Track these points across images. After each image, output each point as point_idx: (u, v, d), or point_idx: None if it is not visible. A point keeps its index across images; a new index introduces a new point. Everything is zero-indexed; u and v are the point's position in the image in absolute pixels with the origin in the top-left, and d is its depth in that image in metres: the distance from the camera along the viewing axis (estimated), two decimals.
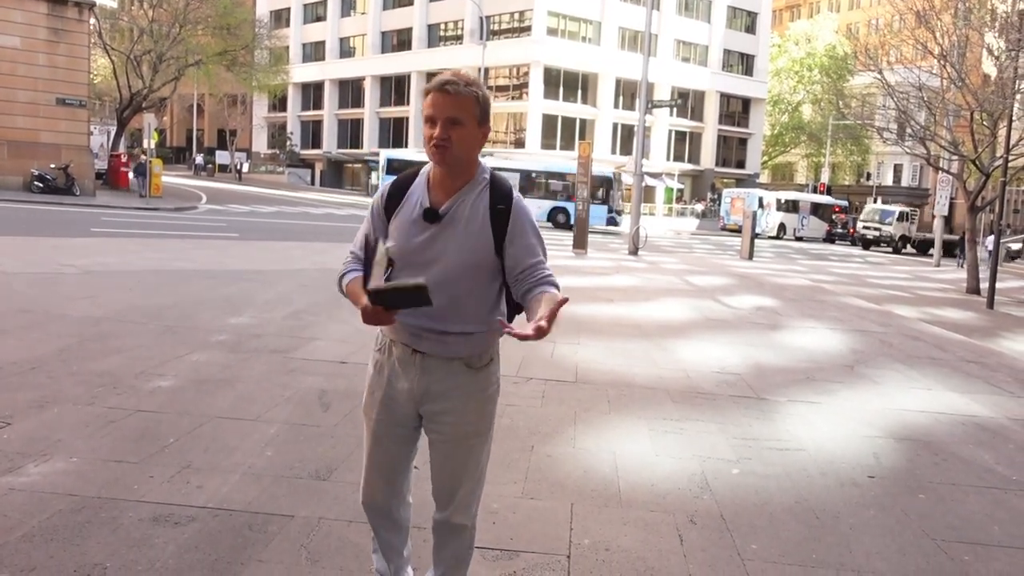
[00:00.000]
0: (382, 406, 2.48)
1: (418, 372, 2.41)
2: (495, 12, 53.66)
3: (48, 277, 9.78)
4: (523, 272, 2.37)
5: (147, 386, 5.34)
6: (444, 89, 2.25)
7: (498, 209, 2.36)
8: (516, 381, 6.14)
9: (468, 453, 2.49)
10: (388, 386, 2.46)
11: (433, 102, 2.26)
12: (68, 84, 26.53)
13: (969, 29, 20.21)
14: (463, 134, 2.27)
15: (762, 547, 3.50)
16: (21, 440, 4.18)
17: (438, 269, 2.30)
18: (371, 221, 2.47)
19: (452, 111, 2.25)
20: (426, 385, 2.42)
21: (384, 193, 2.46)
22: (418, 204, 2.36)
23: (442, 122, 2.24)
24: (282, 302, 9.10)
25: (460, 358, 2.41)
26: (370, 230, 2.48)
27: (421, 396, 2.43)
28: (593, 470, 4.33)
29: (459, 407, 2.43)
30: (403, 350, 2.42)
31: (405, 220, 2.37)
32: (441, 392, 2.42)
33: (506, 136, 55.50)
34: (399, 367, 2.44)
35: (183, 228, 19.48)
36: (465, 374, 2.42)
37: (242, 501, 3.60)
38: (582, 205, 21.30)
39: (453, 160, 2.31)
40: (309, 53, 69.15)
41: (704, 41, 60.13)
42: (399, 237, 2.36)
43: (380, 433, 2.51)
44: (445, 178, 2.35)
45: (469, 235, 2.33)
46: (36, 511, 3.37)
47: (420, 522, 3.08)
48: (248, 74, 43.48)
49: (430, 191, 2.37)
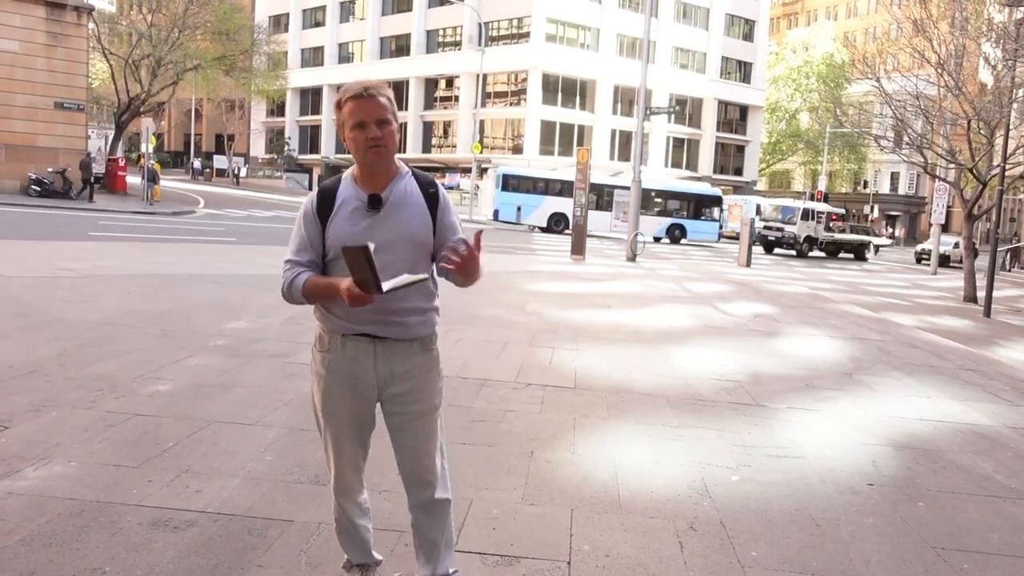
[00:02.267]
0: (345, 400, 2.64)
1: (380, 358, 2.60)
2: (494, 18, 53.76)
3: (46, 281, 9.77)
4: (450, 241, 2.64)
5: (146, 390, 5.33)
6: (369, 95, 2.48)
7: (430, 193, 2.65)
8: (515, 387, 6.14)
9: (433, 428, 2.71)
10: (348, 379, 2.61)
11: (360, 108, 2.48)
12: (66, 88, 26.55)
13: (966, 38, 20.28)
14: (390, 131, 2.52)
15: (762, 554, 3.50)
16: (20, 444, 4.17)
17: (388, 252, 2.48)
18: (304, 228, 2.61)
19: (380, 113, 2.49)
20: (389, 369, 2.61)
21: (315, 200, 2.62)
22: (354, 200, 2.57)
23: (374, 124, 2.48)
24: (280, 307, 9.08)
25: (417, 339, 2.63)
26: (304, 237, 2.61)
27: (385, 381, 2.62)
28: (593, 476, 4.32)
29: (420, 386, 2.65)
30: (359, 341, 2.59)
31: (344, 215, 2.56)
32: (403, 373, 2.62)
33: (504, 142, 55.57)
34: (358, 358, 2.60)
35: (181, 232, 19.46)
36: (421, 355, 2.65)
37: (241, 506, 3.60)
38: (580, 211, 21.31)
39: (387, 155, 2.55)
40: (308, 58, 69.22)
41: (702, 48, 60.27)
42: (342, 230, 2.54)
43: (345, 426, 2.67)
44: (374, 174, 2.58)
45: (412, 216, 2.58)
46: (35, 515, 3.36)
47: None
48: (247, 79, 43.51)
49: (361, 187, 2.58)
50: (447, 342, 7.60)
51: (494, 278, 13.04)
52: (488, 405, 5.59)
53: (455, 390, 5.87)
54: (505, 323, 9.08)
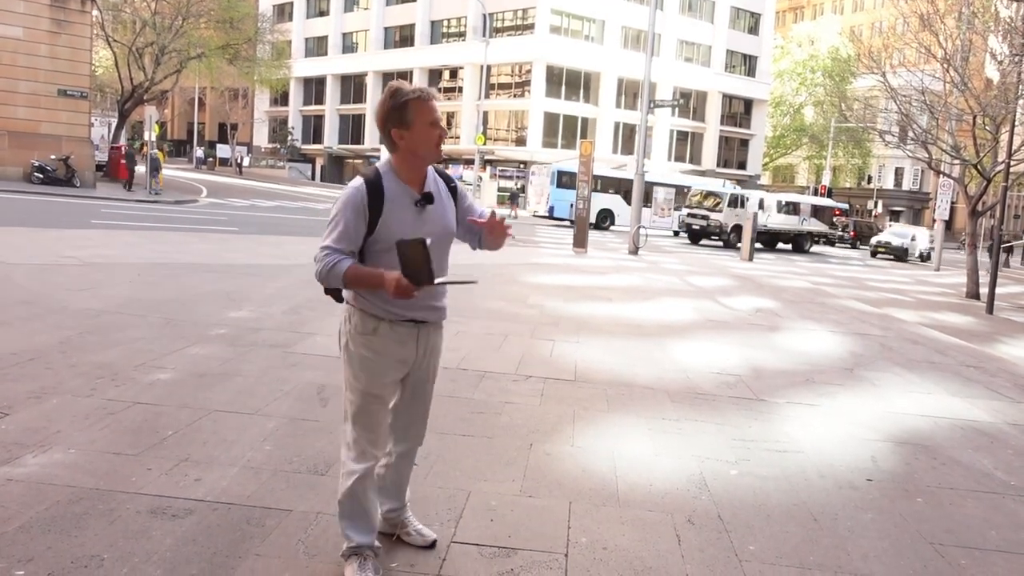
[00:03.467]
0: (390, 378, 2.93)
1: (421, 339, 2.95)
2: (498, 9, 53.57)
3: (48, 268, 9.78)
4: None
5: (146, 379, 5.34)
6: (435, 97, 2.75)
7: (451, 187, 3.00)
8: (515, 379, 6.14)
9: (432, 389, 3.13)
10: (397, 360, 2.90)
11: (435, 108, 2.73)
12: (70, 75, 26.51)
13: (973, 33, 20.20)
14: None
15: (760, 548, 3.50)
16: (20, 431, 4.18)
17: (434, 242, 2.71)
18: (352, 219, 2.76)
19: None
20: (425, 347, 2.98)
21: (366, 194, 2.76)
22: (404, 195, 2.80)
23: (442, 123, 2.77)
24: (281, 297, 9.09)
25: (443, 321, 3.05)
26: (350, 227, 2.76)
27: (420, 359, 2.98)
28: (591, 469, 4.32)
29: (437, 361, 3.10)
30: (407, 326, 2.89)
31: (396, 209, 2.77)
32: (432, 350, 3.03)
33: (508, 134, 55.48)
34: (402, 339, 2.89)
35: (183, 221, 19.46)
36: (439, 333, 3.07)
37: (240, 495, 3.60)
38: (583, 203, 21.29)
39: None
40: (311, 48, 69.10)
41: (707, 41, 60.07)
42: (398, 223, 2.76)
43: (385, 398, 2.95)
44: (414, 170, 2.83)
45: (446, 209, 2.92)
46: (34, 502, 3.37)
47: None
48: (250, 68, 43.43)
49: (405, 183, 2.82)
50: (448, 334, 7.58)
51: (496, 270, 13.03)
52: (488, 397, 5.59)
53: (455, 381, 5.88)
54: (506, 315, 9.08)
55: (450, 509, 3.65)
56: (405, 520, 3.24)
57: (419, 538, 3.22)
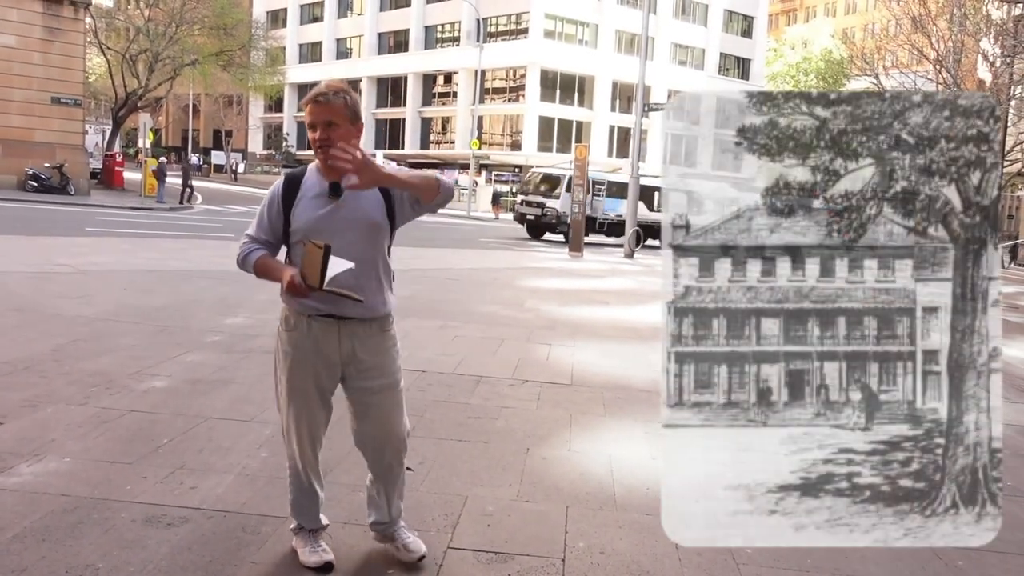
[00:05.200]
0: (310, 377, 2.88)
1: (344, 337, 2.86)
2: (492, 14, 53.69)
3: (42, 276, 9.75)
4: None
5: (141, 386, 5.32)
6: (317, 101, 2.71)
7: None
8: (512, 383, 6.13)
9: (398, 400, 3.00)
10: (313, 357, 2.86)
11: (310, 112, 2.73)
12: (63, 83, 26.47)
13: (965, 35, 20.30)
14: (340, 133, 2.72)
15: (757, 552, 3.50)
16: (13, 440, 4.16)
17: (348, 233, 2.75)
18: (268, 211, 2.90)
19: (326, 116, 2.71)
20: (351, 347, 2.87)
21: (281, 187, 2.90)
22: (318, 187, 2.82)
23: (321, 127, 2.71)
24: (277, 303, 9.01)
25: (376, 319, 2.89)
26: (266, 219, 2.90)
27: (348, 358, 2.88)
28: (589, 473, 4.32)
29: (380, 362, 2.92)
30: (325, 321, 2.84)
31: (307, 201, 2.81)
32: (365, 350, 2.89)
33: (503, 138, 55.53)
34: (321, 337, 2.85)
35: (178, 228, 19.43)
36: (379, 335, 2.92)
37: (236, 502, 3.59)
38: (578, 208, 21.30)
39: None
40: (306, 54, 69.11)
41: (701, 44, 60.25)
42: (305, 215, 2.80)
43: (308, 402, 2.91)
44: (332, 168, 2.74)
45: (368, 200, 2.82)
46: (28, 511, 3.35)
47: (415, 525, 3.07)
48: (244, 74, 43.42)
49: (324, 177, 2.82)
50: (444, 339, 7.59)
51: (491, 274, 13.03)
52: (484, 401, 5.58)
53: (450, 387, 5.86)
54: (502, 319, 9.07)
55: (446, 515, 3.64)
56: (394, 534, 3.18)
57: (406, 553, 3.14)
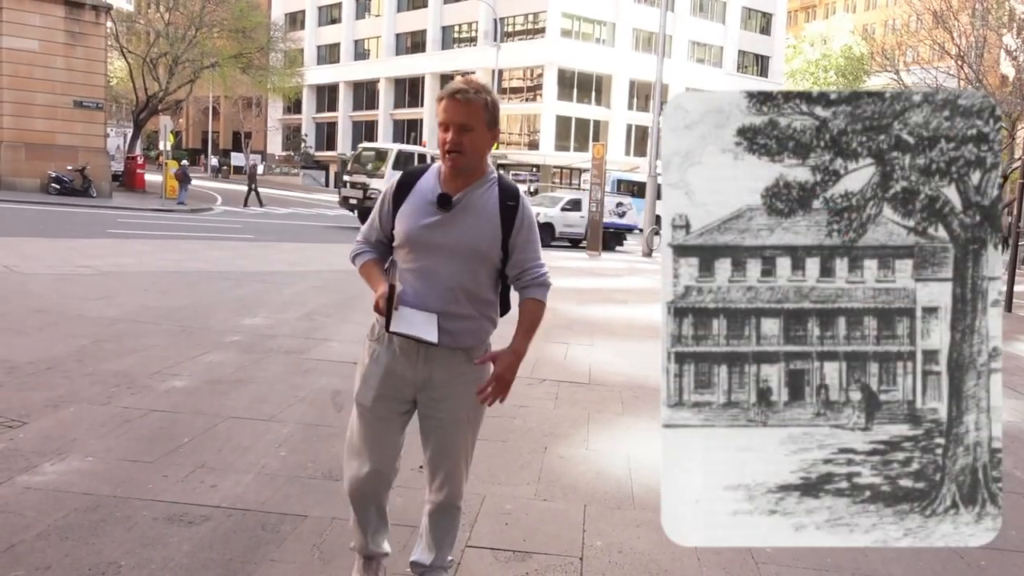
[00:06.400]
0: (379, 392, 2.60)
1: (422, 361, 2.55)
2: (509, 14, 53.72)
3: (64, 278, 9.86)
4: (524, 269, 2.60)
5: (162, 386, 5.37)
6: (455, 97, 2.39)
7: (508, 205, 2.54)
8: (530, 383, 6.13)
9: (463, 438, 2.67)
10: (387, 373, 2.59)
11: (445, 109, 2.41)
12: (85, 87, 26.74)
13: (987, 30, 20.07)
14: (474, 139, 2.42)
15: (776, 551, 3.48)
16: (37, 439, 4.22)
17: (447, 253, 2.48)
18: (379, 209, 2.64)
19: (463, 118, 2.40)
20: (428, 373, 2.56)
21: (394, 184, 2.62)
22: (430, 192, 2.52)
23: (454, 128, 2.40)
24: (296, 303, 9.13)
25: (463, 349, 2.56)
26: (376, 217, 2.65)
27: (423, 383, 2.58)
28: (606, 472, 4.31)
29: (457, 395, 2.58)
30: (405, 341, 2.52)
31: (415, 205, 2.52)
32: (443, 381, 2.57)
33: (520, 138, 55.54)
34: (401, 355, 2.57)
35: (198, 229, 19.59)
36: (465, 364, 2.58)
37: (256, 501, 3.61)
38: (596, 207, 21.27)
39: (464, 164, 2.47)
40: (324, 55, 69.43)
41: (719, 42, 59.94)
42: (409, 220, 2.52)
43: (377, 418, 2.62)
44: (457, 176, 2.51)
45: (480, 223, 2.50)
46: (52, 510, 3.39)
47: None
48: (263, 76, 43.68)
49: (442, 184, 2.52)
50: None
51: None
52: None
53: None
54: None
55: (465, 513, 3.63)
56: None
57: None
